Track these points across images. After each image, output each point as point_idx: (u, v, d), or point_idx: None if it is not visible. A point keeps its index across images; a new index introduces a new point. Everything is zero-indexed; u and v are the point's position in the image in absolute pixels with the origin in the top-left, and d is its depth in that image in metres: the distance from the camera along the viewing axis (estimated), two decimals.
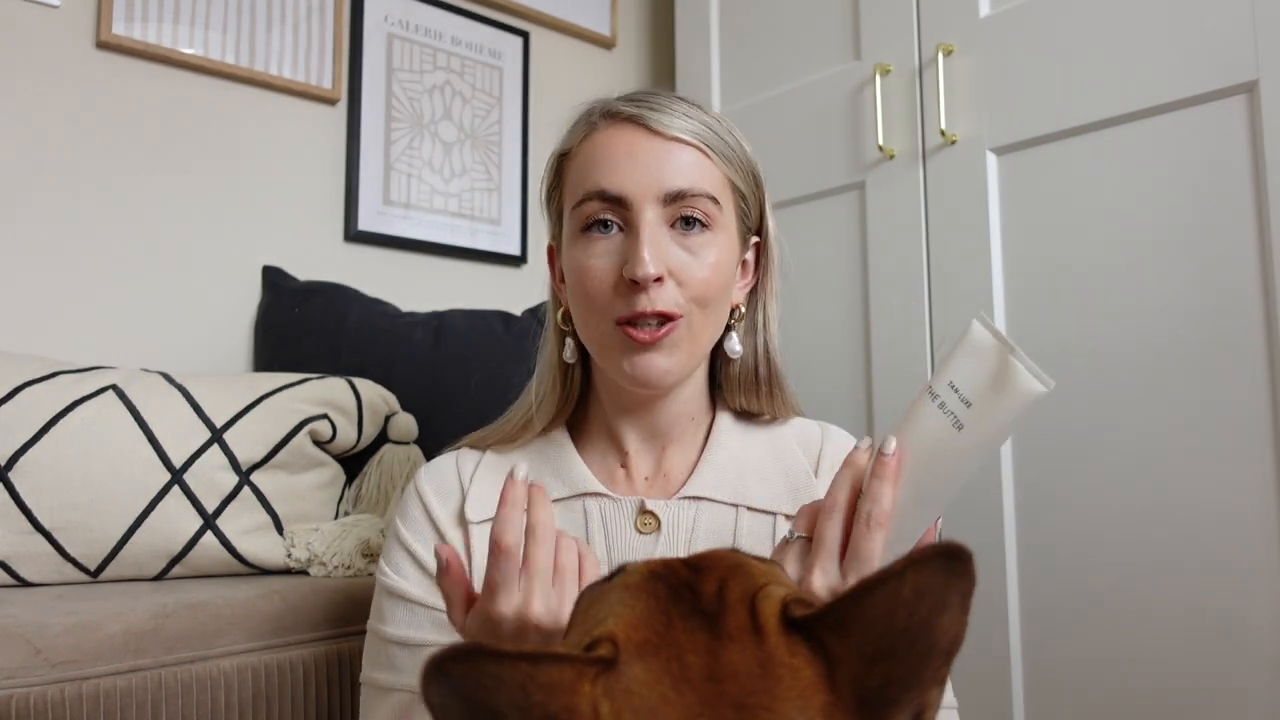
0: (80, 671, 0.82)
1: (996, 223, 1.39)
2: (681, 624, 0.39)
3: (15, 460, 1.02)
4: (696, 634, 0.39)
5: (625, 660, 0.37)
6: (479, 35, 1.87)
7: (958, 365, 0.61)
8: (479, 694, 0.34)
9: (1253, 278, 1.14)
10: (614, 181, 0.75)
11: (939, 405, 0.61)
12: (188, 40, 1.51)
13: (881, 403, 1.51)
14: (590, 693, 0.36)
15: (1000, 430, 0.60)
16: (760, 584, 0.42)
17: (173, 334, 1.48)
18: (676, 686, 0.36)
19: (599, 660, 0.37)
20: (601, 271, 0.75)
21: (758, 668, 0.37)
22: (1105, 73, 1.28)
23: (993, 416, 0.59)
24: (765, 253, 0.86)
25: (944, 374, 0.61)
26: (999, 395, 0.59)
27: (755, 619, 0.39)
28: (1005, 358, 0.59)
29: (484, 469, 0.83)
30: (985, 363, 0.60)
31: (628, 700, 0.36)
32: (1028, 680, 1.31)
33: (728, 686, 0.36)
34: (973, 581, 0.37)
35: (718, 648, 0.38)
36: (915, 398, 0.63)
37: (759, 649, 0.38)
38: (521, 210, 1.90)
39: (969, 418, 0.60)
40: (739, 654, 0.38)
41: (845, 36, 1.62)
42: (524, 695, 0.34)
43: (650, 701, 0.36)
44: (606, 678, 0.36)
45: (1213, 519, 1.15)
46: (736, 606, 0.40)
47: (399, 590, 0.78)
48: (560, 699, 0.35)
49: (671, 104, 0.78)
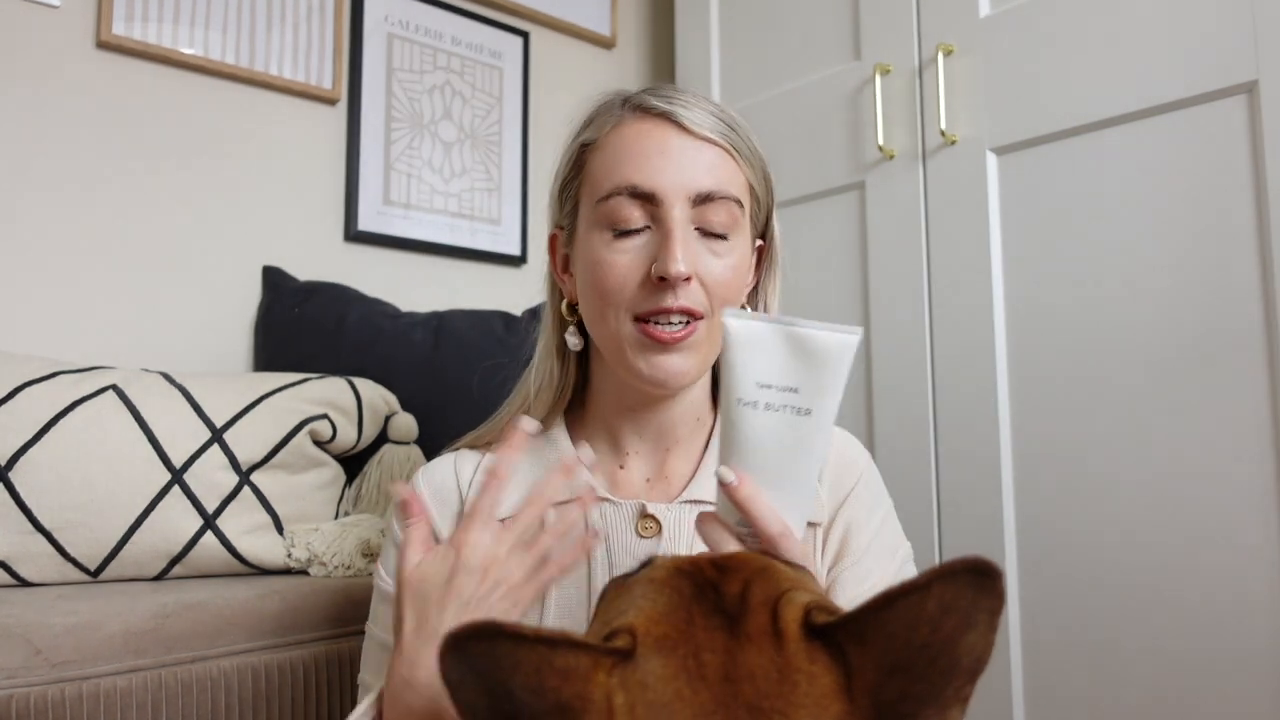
0: (80, 671, 0.82)
1: (996, 223, 1.39)
2: (702, 622, 0.39)
3: (15, 460, 1.02)
4: (716, 633, 0.39)
5: (643, 654, 0.37)
6: (479, 35, 1.87)
7: (749, 365, 0.60)
8: (495, 674, 0.34)
9: (1253, 277, 1.14)
10: (646, 177, 0.74)
11: (763, 408, 0.60)
12: (188, 40, 1.51)
13: (881, 402, 1.51)
14: (605, 683, 0.36)
15: (838, 393, 0.60)
16: (784, 589, 0.41)
17: (173, 334, 1.48)
18: (692, 684, 0.37)
19: (616, 651, 0.37)
20: (626, 268, 0.74)
21: (775, 672, 0.37)
22: (1105, 73, 1.28)
23: (826, 385, 0.59)
24: (769, 255, 0.86)
25: (740, 380, 0.60)
26: (818, 366, 0.59)
27: (776, 623, 0.39)
28: (793, 332, 0.59)
29: (483, 472, 0.82)
30: (778, 348, 0.59)
31: (642, 694, 0.36)
32: (1028, 681, 1.31)
33: (743, 688, 0.36)
34: (1001, 600, 0.36)
35: (736, 649, 0.38)
36: (723, 421, 0.62)
37: (777, 653, 0.38)
38: (521, 210, 1.90)
39: (806, 399, 0.59)
40: (757, 657, 0.37)
41: (845, 36, 1.62)
42: (538, 679, 0.35)
43: (664, 697, 0.36)
44: (623, 669, 0.37)
45: (1213, 519, 1.15)
46: (758, 609, 0.40)
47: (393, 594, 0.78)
48: (574, 685, 0.35)
49: (698, 101, 0.78)
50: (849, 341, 0.59)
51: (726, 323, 0.60)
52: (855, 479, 0.81)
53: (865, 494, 0.81)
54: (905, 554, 0.82)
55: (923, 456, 1.44)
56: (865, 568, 0.78)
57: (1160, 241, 1.22)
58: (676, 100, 0.77)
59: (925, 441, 1.44)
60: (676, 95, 0.78)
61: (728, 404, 0.61)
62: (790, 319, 0.60)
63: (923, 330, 1.46)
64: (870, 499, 0.82)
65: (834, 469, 0.81)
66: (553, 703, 0.35)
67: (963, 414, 1.40)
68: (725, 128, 0.77)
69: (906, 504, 1.43)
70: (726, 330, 0.60)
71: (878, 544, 0.79)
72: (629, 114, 0.78)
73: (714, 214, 0.75)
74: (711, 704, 0.36)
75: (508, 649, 0.34)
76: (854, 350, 0.59)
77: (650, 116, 0.77)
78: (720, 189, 0.75)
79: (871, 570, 0.78)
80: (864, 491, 0.81)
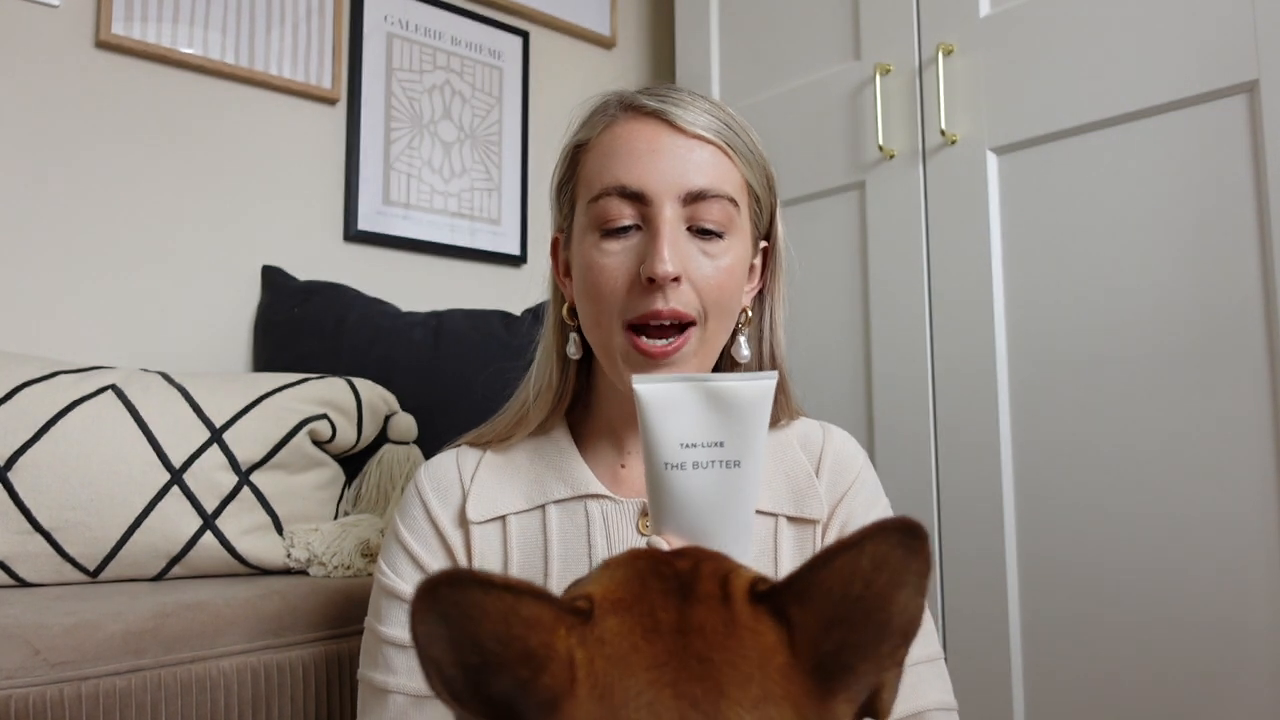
0: (79, 672, 0.82)
1: (996, 222, 1.39)
2: (657, 586, 0.42)
3: (15, 460, 1.02)
4: (669, 596, 0.41)
5: (600, 615, 0.40)
6: (479, 35, 1.87)
7: (669, 427, 0.59)
8: (463, 623, 0.36)
9: (1253, 277, 1.14)
10: (635, 177, 0.73)
11: (691, 468, 0.59)
12: (187, 40, 1.51)
13: (881, 402, 1.51)
14: (566, 639, 0.38)
15: (763, 439, 0.60)
16: (732, 567, 0.44)
17: (172, 334, 1.48)
18: (647, 636, 0.39)
19: (576, 611, 0.39)
20: (616, 270, 0.73)
21: (722, 626, 0.40)
22: (1105, 73, 1.28)
23: (750, 434, 0.59)
24: (773, 256, 0.85)
25: (663, 444, 0.59)
26: (740, 417, 0.59)
27: (725, 589, 0.42)
28: (710, 388, 0.59)
29: (485, 468, 0.82)
30: (696, 405, 0.59)
31: (600, 649, 0.38)
32: (1028, 682, 1.31)
33: (693, 640, 0.39)
34: (928, 563, 0.39)
35: (686, 608, 0.41)
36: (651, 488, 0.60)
37: (725, 611, 0.40)
38: (521, 210, 1.90)
39: (734, 452, 0.59)
40: (707, 614, 0.40)
41: (845, 36, 1.62)
42: (505, 627, 0.36)
43: (621, 650, 0.38)
44: (582, 629, 0.39)
45: (1213, 519, 1.15)
46: (708, 579, 0.43)
47: (396, 591, 0.78)
48: (539, 635, 0.37)
49: (694, 100, 0.77)
50: (766, 387, 0.59)
51: (637, 389, 0.59)
52: (853, 476, 0.81)
53: (863, 491, 0.81)
54: None
55: (923, 455, 1.44)
56: None
57: (1160, 241, 1.22)
58: (669, 99, 0.76)
59: (925, 440, 1.44)
60: (671, 94, 0.77)
61: (654, 470, 0.59)
62: (700, 376, 0.59)
63: (922, 330, 1.46)
64: (867, 496, 0.82)
65: (832, 466, 0.81)
66: (518, 651, 0.37)
67: (963, 413, 1.40)
68: (721, 125, 0.76)
69: (907, 502, 1.43)
70: (639, 397, 0.59)
71: None
72: (622, 114, 0.77)
73: (707, 212, 0.74)
74: (664, 654, 0.38)
75: (476, 596, 0.36)
76: (771, 396, 0.59)
77: (642, 116, 0.76)
78: (713, 187, 0.74)
79: None
80: (861, 489, 0.81)
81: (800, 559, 0.78)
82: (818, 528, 0.79)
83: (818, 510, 0.79)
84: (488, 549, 0.78)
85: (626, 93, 0.79)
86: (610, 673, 0.37)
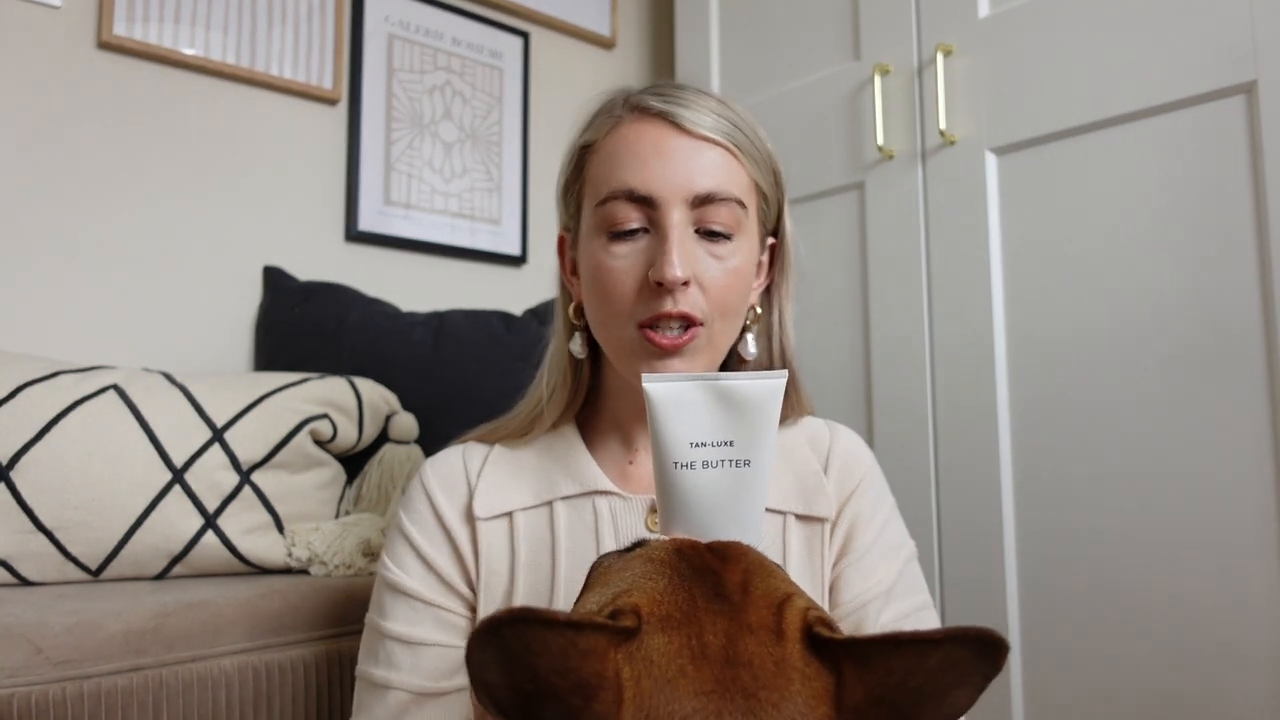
0: (81, 671, 0.82)
1: (996, 223, 1.39)
2: (704, 605, 0.41)
3: (16, 460, 1.02)
4: (719, 618, 0.40)
5: (648, 631, 0.39)
6: (479, 35, 1.87)
7: (679, 426, 0.58)
8: (525, 657, 0.36)
9: (1252, 277, 1.14)
10: (642, 181, 0.73)
11: (700, 467, 0.58)
12: (188, 40, 1.52)
13: (881, 402, 1.51)
14: (614, 658, 0.38)
15: (773, 437, 0.59)
16: (785, 591, 0.43)
17: (173, 334, 1.48)
18: (695, 662, 0.38)
19: (624, 630, 0.39)
20: (624, 273, 0.73)
21: (772, 664, 0.39)
22: (1105, 73, 1.28)
23: (760, 433, 0.59)
24: (781, 253, 0.85)
25: (672, 443, 0.58)
26: (750, 416, 0.58)
27: (779, 622, 0.41)
28: (719, 386, 0.58)
29: (492, 465, 0.81)
30: (705, 404, 0.58)
31: (648, 668, 0.38)
32: (1027, 680, 1.31)
33: (742, 673, 0.38)
34: (998, 669, 0.39)
35: (737, 635, 0.40)
36: (660, 488, 0.59)
37: (776, 647, 0.40)
38: (521, 210, 1.90)
39: (743, 451, 0.58)
40: (758, 647, 0.39)
41: (845, 36, 1.62)
42: (564, 660, 0.36)
43: (669, 673, 0.38)
44: (629, 645, 0.39)
45: (1213, 517, 1.16)
46: (760, 604, 0.41)
47: (401, 585, 0.77)
48: (592, 664, 0.37)
49: (700, 99, 0.76)
50: (776, 386, 0.59)
51: (647, 388, 0.58)
52: (861, 475, 0.81)
53: (870, 490, 0.81)
54: (909, 552, 0.82)
55: (922, 456, 1.44)
56: (869, 564, 0.78)
57: (1159, 241, 1.22)
58: (676, 99, 0.76)
59: (925, 441, 1.44)
60: (677, 94, 0.76)
61: (663, 469, 0.59)
62: (710, 375, 0.59)
63: (922, 330, 1.46)
64: (875, 495, 0.82)
65: (840, 465, 0.81)
66: (574, 682, 0.37)
67: (962, 414, 1.40)
68: (728, 126, 0.76)
69: (905, 502, 1.43)
70: (649, 395, 0.58)
71: (882, 541, 0.79)
72: (628, 114, 0.77)
73: (715, 215, 0.74)
74: (712, 683, 0.38)
75: (538, 633, 0.36)
76: (781, 395, 0.59)
77: (648, 117, 0.76)
78: (721, 190, 0.74)
79: (875, 568, 0.78)
80: (869, 487, 0.81)
81: (809, 557, 0.78)
82: (826, 526, 0.79)
83: (826, 509, 0.79)
84: (495, 545, 0.78)
85: (633, 92, 0.79)
86: (656, 696, 0.37)
